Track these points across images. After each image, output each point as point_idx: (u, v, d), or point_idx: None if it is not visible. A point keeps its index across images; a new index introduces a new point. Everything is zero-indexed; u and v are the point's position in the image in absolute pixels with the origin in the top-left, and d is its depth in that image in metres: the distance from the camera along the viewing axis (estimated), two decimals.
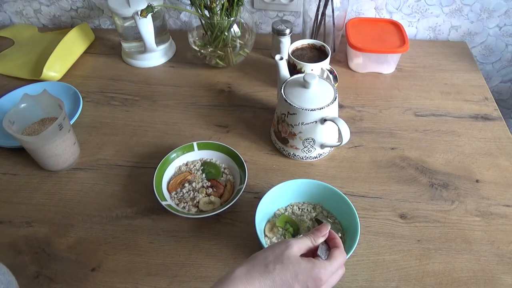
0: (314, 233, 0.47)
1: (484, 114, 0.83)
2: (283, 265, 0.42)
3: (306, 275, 0.42)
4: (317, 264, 0.44)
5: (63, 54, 0.94)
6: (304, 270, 0.43)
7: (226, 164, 0.72)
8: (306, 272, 0.42)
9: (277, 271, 0.42)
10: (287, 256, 0.43)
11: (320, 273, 0.43)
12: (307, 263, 0.43)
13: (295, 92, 0.69)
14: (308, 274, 0.42)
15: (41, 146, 0.67)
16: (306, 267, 0.43)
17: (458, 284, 0.57)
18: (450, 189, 0.69)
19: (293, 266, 0.42)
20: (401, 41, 0.90)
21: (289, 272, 0.42)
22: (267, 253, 0.44)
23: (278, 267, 0.42)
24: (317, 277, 0.43)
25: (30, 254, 0.61)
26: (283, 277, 0.42)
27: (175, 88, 0.91)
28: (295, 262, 0.43)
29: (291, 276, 0.42)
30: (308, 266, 0.43)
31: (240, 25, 0.90)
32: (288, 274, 0.42)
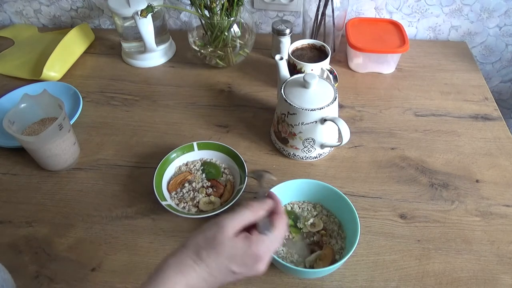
0: (255, 207, 0.44)
1: (484, 114, 0.83)
2: (216, 251, 0.40)
3: (243, 255, 0.41)
4: (254, 240, 0.42)
5: (63, 54, 0.94)
6: (241, 250, 0.41)
7: (226, 164, 0.72)
8: (243, 251, 0.41)
9: (211, 258, 0.40)
10: (219, 241, 0.41)
11: (258, 249, 0.41)
12: (244, 243, 0.41)
13: (295, 92, 0.69)
14: (245, 253, 0.41)
15: (41, 146, 0.67)
16: (243, 247, 0.41)
17: (458, 284, 0.57)
18: (450, 189, 0.69)
19: (227, 249, 0.41)
20: (401, 41, 0.90)
21: (223, 256, 0.40)
22: (198, 238, 0.41)
23: (212, 252, 0.40)
24: (255, 254, 0.41)
25: (30, 254, 0.61)
26: (218, 262, 0.40)
27: (175, 88, 0.91)
28: (229, 244, 0.41)
29: (226, 258, 0.41)
30: (245, 245, 0.41)
31: (240, 25, 0.90)
32: (223, 258, 0.40)
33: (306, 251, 0.59)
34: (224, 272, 0.41)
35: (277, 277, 0.58)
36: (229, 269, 0.41)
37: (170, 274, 0.39)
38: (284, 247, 0.60)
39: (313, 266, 0.57)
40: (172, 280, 0.39)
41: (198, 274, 0.40)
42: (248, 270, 0.42)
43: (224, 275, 0.41)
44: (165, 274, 0.39)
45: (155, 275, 0.40)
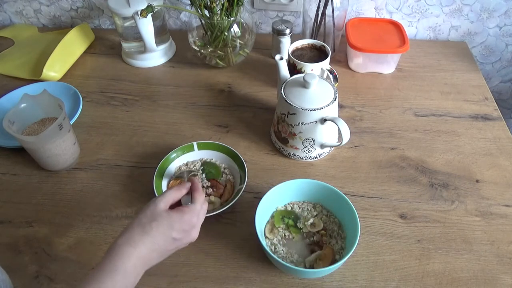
0: (178, 187, 0.53)
1: (484, 114, 0.83)
2: (157, 221, 0.48)
3: (180, 223, 0.49)
4: (185, 210, 0.50)
5: (63, 54, 0.94)
6: (176, 219, 0.49)
7: (226, 164, 0.72)
8: (178, 220, 0.49)
9: (154, 229, 0.47)
10: (157, 213, 0.49)
11: (191, 216, 0.50)
12: (177, 213, 0.49)
13: (295, 92, 0.69)
14: (181, 221, 0.49)
15: (41, 146, 0.67)
16: (177, 216, 0.49)
17: (458, 284, 0.57)
18: (450, 189, 0.69)
19: (166, 220, 0.48)
20: (401, 41, 0.90)
21: (164, 225, 0.48)
22: (140, 216, 0.49)
23: (154, 224, 0.47)
24: (189, 221, 0.50)
25: (30, 254, 0.61)
26: (160, 231, 0.48)
27: (175, 88, 0.91)
28: (166, 215, 0.49)
29: (167, 228, 0.48)
30: (178, 215, 0.49)
31: (240, 25, 0.90)
32: (164, 227, 0.48)
33: (306, 251, 0.59)
34: (167, 240, 0.48)
35: (277, 277, 0.58)
36: (170, 236, 0.48)
37: (123, 250, 0.45)
38: (284, 247, 0.60)
39: (313, 266, 0.57)
40: (126, 254, 0.45)
41: (146, 245, 0.47)
42: (186, 236, 0.50)
43: (167, 242, 0.48)
44: (119, 250, 0.46)
45: (109, 254, 0.46)
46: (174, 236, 0.49)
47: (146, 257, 0.47)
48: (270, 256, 0.55)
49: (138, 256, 0.46)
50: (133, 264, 0.45)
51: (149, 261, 0.48)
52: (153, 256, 0.48)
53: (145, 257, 0.47)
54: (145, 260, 0.47)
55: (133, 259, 0.45)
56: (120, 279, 0.44)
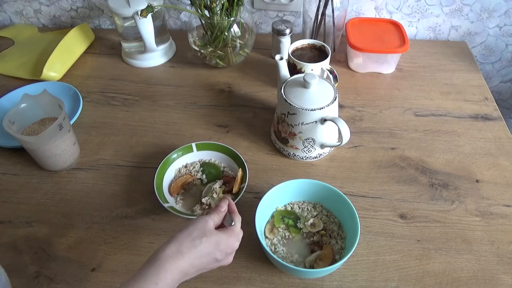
0: (218, 210, 0.53)
1: (484, 114, 0.83)
2: (207, 238, 0.48)
3: (226, 244, 0.49)
4: (231, 233, 0.51)
5: (63, 54, 0.94)
6: (223, 239, 0.49)
7: (226, 164, 0.72)
8: (225, 241, 0.49)
9: (202, 244, 0.47)
10: (208, 230, 0.49)
11: (234, 240, 0.51)
12: (225, 234, 0.50)
13: (295, 92, 0.69)
14: (227, 242, 0.49)
15: (41, 146, 0.67)
16: (225, 237, 0.50)
17: (458, 284, 0.57)
18: (450, 189, 0.69)
19: (215, 238, 0.48)
20: (401, 41, 0.90)
21: (212, 244, 0.48)
22: (190, 229, 0.48)
23: (204, 240, 0.47)
24: (232, 244, 0.50)
25: (30, 254, 0.61)
26: (207, 249, 0.47)
27: (175, 88, 0.91)
28: (216, 234, 0.49)
29: (214, 246, 0.48)
30: (226, 235, 0.50)
31: (240, 25, 0.90)
32: (212, 246, 0.48)
33: (306, 251, 0.59)
34: (210, 258, 0.48)
35: (277, 277, 0.58)
36: (214, 256, 0.48)
37: (170, 262, 0.45)
38: (284, 247, 0.60)
39: (313, 266, 0.57)
40: (171, 267, 0.45)
41: (191, 259, 0.46)
42: (226, 258, 0.51)
43: (209, 261, 0.48)
44: (166, 262, 0.45)
45: (154, 261, 0.45)
46: (217, 257, 0.48)
47: (186, 272, 0.46)
48: (270, 256, 0.55)
49: (180, 269, 0.45)
50: (173, 278, 0.45)
51: (186, 276, 0.47)
52: (191, 272, 0.47)
53: (185, 271, 0.46)
54: (184, 275, 0.46)
55: (175, 272, 0.45)
56: None
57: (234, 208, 0.55)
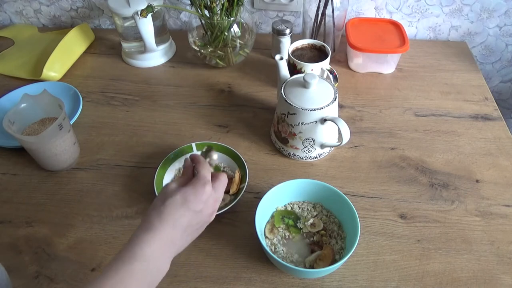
0: (184, 170, 0.54)
1: (484, 114, 0.83)
2: (171, 198, 0.47)
3: (194, 194, 0.47)
4: (193, 181, 0.49)
5: (63, 54, 0.94)
6: (189, 191, 0.48)
7: (226, 163, 0.72)
8: (192, 191, 0.48)
9: (168, 206, 0.46)
10: (170, 191, 0.48)
11: (203, 184, 0.49)
12: (188, 185, 0.49)
13: (295, 92, 0.69)
14: (195, 191, 0.48)
15: (41, 146, 0.67)
16: (190, 188, 0.48)
17: (458, 284, 0.57)
18: (450, 189, 0.69)
19: (179, 194, 0.47)
20: (401, 41, 0.90)
21: (178, 200, 0.47)
22: (154, 202, 0.48)
23: (168, 202, 0.46)
24: (202, 190, 0.48)
25: (30, 254, 0.61)
26: (177, 207, 0.46)
27: (175, 88, 0.91)
28: (177, 190, 0.48)
29: (182, 201, 0.47)
30: (190, 186, 0.48)
31: (240, 25, 0.90)
32: (178, 202, 0.47)
33: (306, 251, 0.59)
34: (186, 214, 0.47)
35: (277, 277, 0.58)
36: (189, 210, 0.47)
37: (141, 237, 0.45)
38: (284, 247, 0.60)
39: (313, 266, 0.57)
40: (144, 240, 0.44)
41: (165, 226, 0.45)
42: (206, 206, 0.49)
43: (188, 217, 0.47)
44: (136, 238, 0.45)
45: (127, 244, 0.44)
46: (193, 208, 0.47)
47: (169, 238, 0.45)
48: (270, 256, 0.55)
49: (159, 240, 0.44)
50: (154, 250, 0.43)
51: (174, 242, 0.46)
52: (176, 236, 0.46)
53: (167, 238, 0.45)
54: (169, 242, 0.45)
55: (153, 244, 0.44)
56: (139, 266, 0.42)
57: (197, 159, 0.54)
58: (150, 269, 0.43)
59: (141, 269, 0.42)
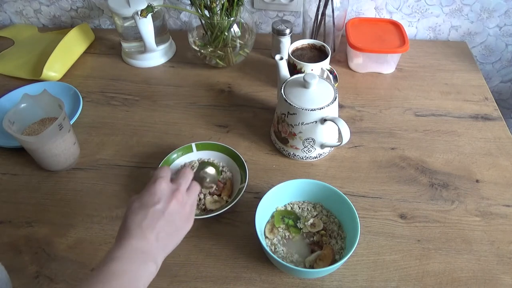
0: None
1: (484, 114, 0.83)
2: (128, 206, 0.48)
3: (146, 191, 0.48)
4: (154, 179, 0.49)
5: (63, 54, 0.94)
6: (142, 191, 0.49)
7: (225, 163, 0.72)
8: (145, 191, 0.48)
9: (127, 212, 0.47)
10: (129, 203, 0.48)
11: (151, 183, 0.49)
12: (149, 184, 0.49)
13: (295, 92, 0.69)
14: (147, 189, 0.48)
15: (41, 146, 0.67)
16: (142, 191, 0.49)
17: (458, 284, 0.57)
18: (450, 189, 0.69)
19: (136, 198, 0.48)
20: (401, 41, 0.90)
21: (135, 203, 0.47)
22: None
23: (127, 211, 0.47)
24: (153, 186, 0.48)
25: (30, 254, 0.61)
26: (135, 211, 0.46)
27: (175, 88, 0.91)
28: (135, 198, 0.48)
29: (138, 202, 0.47)
30: (143, 190, 0.49)
31: (240, 25, 0.90)
32: (135, 204, 0.47)
33: (306, 251, 0.59)
34: (144, 212, 0.47)
35: (277, 277, 0.58)
36: (146, 207, 0.47)
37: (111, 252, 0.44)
38: (284, 247, 0.60)
39: (313, 266, 0.57)
40: (120, 247, 0.44)
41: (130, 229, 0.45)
42: (163, 200, 0.48)
43: (152, 214, 0.46)
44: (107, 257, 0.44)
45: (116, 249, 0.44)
46: (149, 204, 0.46)
47: (139, 246, 0.44)
48: (270, 256, 0.55)
49: (129, 253, 0.43)
50: (123, 264, 0.43)
51: (149, 248, 0.45)
52: (150, 241, 0.45)
53: (137, 247, 0.44)
54: (139, 252, 0.44)
55: (123, 259, 0.43)
56: (114, 284, 0.41)
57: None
58: (129, 280, 0.42)
59: (119, 285, 0.41)
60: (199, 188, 0.54)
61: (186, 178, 0.52)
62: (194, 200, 0.52)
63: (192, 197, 0.52)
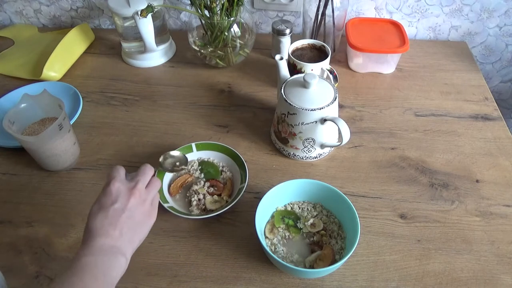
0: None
1: (484, 114, 0.83)
2: (90, 212, 0.49)
3: (101, 193, 0.50)
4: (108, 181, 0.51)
5: (63, 54, 0.94)
6: (98, 196, 0.50)
7: (225, 163, 0.72)
8: (100, 194, 0.50)
9: (89, 214, 0.49)
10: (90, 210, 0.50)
11: (106, 184, 0.50)
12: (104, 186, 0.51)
13: (295, 92, 0.69)
14: (103, 191, 0.50)
15: (41, 146, 0.67)
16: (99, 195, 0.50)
17: (458, 284, 0.57)
18: (450, 189, 0.69)
19: (95, 205, 0.50)
20: (401, 41, 0.90)
21: (95, 205, 0.49)
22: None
23: (88, 218, 0.49)
24: (108, 186, 0.50)
25: (30, 254, 0.61)
26: (95, 211, 0.48)
27: (175, 88, 0.91)
28: (94, 203, 0.50)
29: (96, 204, 0.49)
30: (105, 186, 0.51)
31: (240, 25, 0.90)
32: (95, 206, 0.49)
33: (306, 251, 0.59)
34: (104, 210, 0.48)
35: (277, 277, 0.58)
36: (106, 206, 0.48)
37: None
38: (284, 247, 0.60)
39: (313, 266, 0.57)
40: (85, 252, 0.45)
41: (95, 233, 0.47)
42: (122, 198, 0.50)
43: (113, 212, 0.48)
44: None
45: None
46: (107, 204, 0.48)
47: (105, 245, 0.46)
48: (270, 256, 0.55)
49: (97, 244, 0.46)
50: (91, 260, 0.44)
51: (116, 239, 0.47)
52: (113, 233, 0.47)
53: (102, 247, 0.46)
54: (107, 249, 0.46)
55: (90, 256, 0.45)
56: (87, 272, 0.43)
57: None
58: (101, 272, 0.44)
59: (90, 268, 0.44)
60: (160, 184, 0.55)
61: (144, 175, 0.53)
62: (154, 195, 0.54)
63: (151, 193, 0.53)
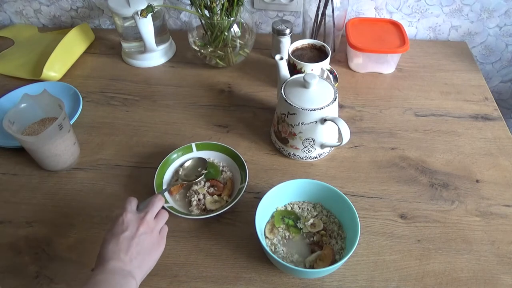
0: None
1: (484, 114, 0.83)
2: (103, 243, 0.51)
3: (113, 222, 0.53)
4: (121, 212, 0.54)
5: (63, 54, 0.94)
6: (110, 226, 0.52)
7: (225, 163, 0.72)
8: (112, 225, 0.52)
9: (102, 249, 0.50)
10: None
11: (121, 214, 0.53)
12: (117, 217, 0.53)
13: (295, 92, 0.69)
14: (114, 222, 0.52)
15: (41, 146, 0.67)
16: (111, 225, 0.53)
17: (458, 284, 0.57)
18: (450, 189, 0.69)
19: (107, 234, 0.52)
20: (401, 41, 0.90)
21: (107, 235, 0.51)
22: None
23: (101, 247, 0.51)
24: (121, 218, 0.52)
25: (30, 254, 0.61)
26: (108, 239, 0.51)
27: (175, 88, 0.91)
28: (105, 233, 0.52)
29: (108, 232, 0.52)
30: (117, 217, 0.53)
31: (240, 25, 0.90)
32: (108, 235, 0.51)
33: (306, 251, 0.59)
34: (116, 240, 0.51)
35: (277, 277, 0.58)
36: (117, 236, 0.51)
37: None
38: (284, 247, 0.60)
39: (313, 266, 0.57)
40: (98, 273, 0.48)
41: (108, 258, 0.49)
42: (132, 226, 0.52)
43: (122, 240, 0.51)
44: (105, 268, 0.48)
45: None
46: (119, 233, 0.51)
47: (115, 269, 0.48)
48: (270, 256, 0.55)
49: (110, 267, 0.48)
50: (107, 272, 0.47)
51: (127, 264, 0.49)
52: (124, 257, 0.49)
53: (114, 270, 0.48)
54: (122, 264, 0.48)
55: (107, 270, 0.48)
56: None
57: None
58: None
59: None
60: (167, 216, 0.57)
61: (154, 206, 0.56)
62: (162, 226, 0.56)
63: (159, 223, 0.55)
